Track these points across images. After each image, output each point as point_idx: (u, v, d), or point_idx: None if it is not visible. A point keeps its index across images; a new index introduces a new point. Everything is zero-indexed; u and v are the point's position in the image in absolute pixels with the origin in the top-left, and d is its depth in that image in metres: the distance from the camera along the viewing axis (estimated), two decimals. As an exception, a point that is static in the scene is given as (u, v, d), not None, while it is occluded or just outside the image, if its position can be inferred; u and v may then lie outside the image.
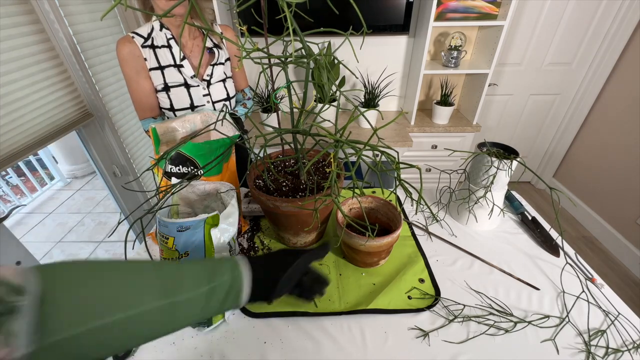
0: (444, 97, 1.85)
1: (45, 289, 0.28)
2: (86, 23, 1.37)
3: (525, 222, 0.85)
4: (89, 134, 1.50)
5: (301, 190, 0.69)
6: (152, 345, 0.57)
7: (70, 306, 0.29)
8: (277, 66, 0.55)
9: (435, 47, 1.89)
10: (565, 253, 0.75)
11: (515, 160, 0.74)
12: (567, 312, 0.61)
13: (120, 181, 1.66)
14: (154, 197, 0.65)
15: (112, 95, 1.55)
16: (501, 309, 0.62)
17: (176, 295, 0.37)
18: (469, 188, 0.81)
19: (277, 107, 0.78)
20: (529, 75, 2.05)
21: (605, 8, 1.80)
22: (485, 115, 2.22)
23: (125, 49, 0.98)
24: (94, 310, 0.31)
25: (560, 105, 2.17)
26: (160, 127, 0.80)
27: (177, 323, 0.39)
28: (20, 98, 1.11)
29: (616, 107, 1.89)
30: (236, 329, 0.60)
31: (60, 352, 0.28)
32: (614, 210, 1.91)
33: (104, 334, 0.31)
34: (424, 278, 0.69)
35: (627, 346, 0.56)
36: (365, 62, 1.90)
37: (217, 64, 1.10)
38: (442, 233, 0.83)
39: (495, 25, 1.60)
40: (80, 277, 0.32)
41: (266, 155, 0.70)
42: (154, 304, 0.35)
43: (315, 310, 0.63)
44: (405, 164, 0.51)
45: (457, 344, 0.57)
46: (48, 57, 1.22)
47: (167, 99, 1.07)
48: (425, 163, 1.97)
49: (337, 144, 0.54)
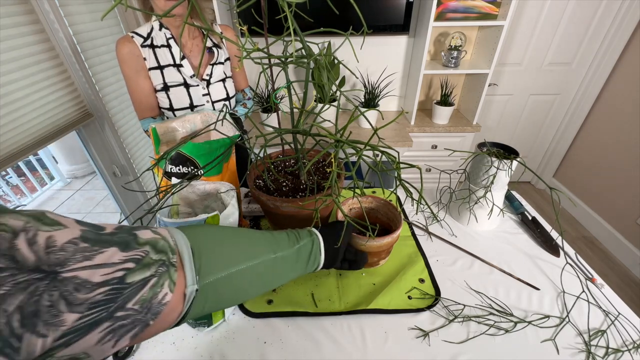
0: (444, 97, 1.85)
1: (193, 245, 0.36)
2: (86, 23, 1.37)
3: (525, 222, 0.85)
4: (89, 134, 1.50)
5: (301, 190, 0.69)
6: (152, 345, 0.57)
7: (214, 257, 0.38)
8: (277, 66, 0.55)
9: (435, 47, 1.89)
10: (565, 253, 0.75)
11: (515, 160, 0.74)
12: (567, 312, 0.61)
13: (120, 181, 1.66)
14: (154, 197, 0.65)
15: (112, 95, 1.55)
16: (501, 309, 0.62)
17: (277, 252, 0.47)
18: (469, 188, 0.81)
19: (277, 107, 0.78)
20: (529, 75, 2.05)
21: (605, 8, 1.80)
22: (485, 115, 2.22)
23: (124, 48, 0.98)
24: (228, 260, 0.40)
25: (560, 105, 2.17)
26: (160, 127, 0.80)
27: (278, 276, 0.48)
28: (20, 98, 1.11)
29: (616, 107, 1.89)
30: (236, 329, 0.60)
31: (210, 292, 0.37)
32: (614, 210, 1.91)
33: (236, 278, 0.40)
34: (424, 278, 0.69)
35: (627, 346, 0.55)
36: (365, 62, 1.90)
37: (216, 63, 1.10)
38: (442, 233, 0.83)
39: (495, 25, 1.60)
40: (216, 236, 0.42)
41: (266, 155, 0.70)
42: (265, 257, 0.45)
43: (315, 310, 0.63)
44: (405, 163, 0.51)
45: (457, 344, 0.57)
46: (48, 57, 1.21)
47: (167, 99, 1.07)
48: (425, 163, 1.97)
49: (338, 144, 0.54)
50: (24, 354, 0.21)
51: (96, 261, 0.25)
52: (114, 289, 0.26)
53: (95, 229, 0.28)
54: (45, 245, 0.23)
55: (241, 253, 0.42)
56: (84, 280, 0.24)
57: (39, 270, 0.22)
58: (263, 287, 0.47)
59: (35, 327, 0.21)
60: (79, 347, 0.24)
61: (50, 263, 0.23)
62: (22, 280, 0.21)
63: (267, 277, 0.46)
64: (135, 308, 0.27)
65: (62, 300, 0.23)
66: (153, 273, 0.29)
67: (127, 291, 0.27)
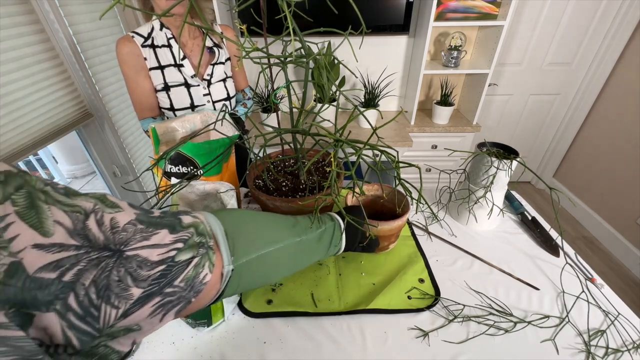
0: (444, 97, 1.85)
1: (227, 228, 0.38)
2: (86, 23, 1.37)
3: (525, 222, 0.85)
4: (89, 134, 1.50)
5: (301, 190, 0.69)
6: (152, 345, 0.57)
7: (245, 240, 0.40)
8: (277, 66, 0.55)
9: (435, 47, 1.89)
10: (565, 253, 0.75)
11: (515, 160, 0.74)
12: (567, 312, 0.61)
13: (120, 181, 1.66)
14: (153, 197, 0.65)
15: (112, 95, 1.55)
16: (501, 309, 0.62)
17: (301, 235, 0.49)
18: (469, 188, 0.81)
19: (276, 107, 0.78)
20: (529, 75, 2.05)
21: (605, 8, 1.80)
22: (485, 115, 2.22)
23: (125, 48, 0.98)
24: (259, 242, 0.42)
25: (560, 105, 2.17)
26: (160, 127, 0.80)
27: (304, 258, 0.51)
28: (20, 98, 1.11)
29: (616, 107, 1.89)
30: (236, 329, 0.60)
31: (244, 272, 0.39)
32: (614, 210, 1.91)
33: (266, 260, 0.43)
34: (424, 278, 0.69)
35: (627, 346, 0.55)
36: (365, 62, 1.90)
37: (217, 63, 1.10)
38: (442, 233, 0.83)
39: (495, 25, 1.60)
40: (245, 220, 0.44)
41: (266, 155, 0.70)
42: (292, 240, 0.47)
43: (315, 310, 0.63)
44: (405, 163, 0.51)
45: (457, 344, 0.57)
46: (48, 57, 1.22)
47: (167, 99, 1.07)
48: (425, 163, 1.97)
49: (337, 143, 0.54)
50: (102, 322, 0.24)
51: (152, 241, 0.28)
52: (168, 266, 0.28)
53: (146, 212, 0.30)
54: (110, 225, 0.25)
55: (270, 236, 0.45)
56: (144, 259, 0.27)
57: (108, 248, 0.25)
58: (290, 269, 0.51)
59: (109, 299, 0.24)
60: (134, 319, 0.26)
61: (116, 242, 0.25)
62: (95, 257, 0.24)
63: (293, 258, 0.49)
64: (181, 285, 0.29)
65: (128, 276, 0.25)
66: (195, 254, 0.31)
67: (175, 269, 0.29)
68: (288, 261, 0.48)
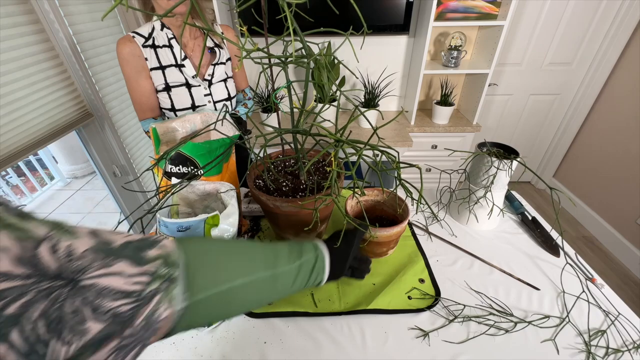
0: (444, 97, 1.85)
1: (188, 259, 0.34)
2: (86, 23, 1.37)
3: (525, 222, 0.85)
4: (89, 134, 1.50)
5: (301, 190, 0.69)
6: (152, 345, 0.57)
7: (206, 273, 0.36)
8: (277, 66, 0.55)
9: (435, 47, 1.89)
10: (565, 253, 0.75)
11: (515, 160, 0.74)
12: (567, 312, 0.61)
13: (120, 181, 1.66)
14: (154, 197, 0.65)
15: (112, 95, 1.55)
16: (501, 309, 0.62)
17: (276, 268, 0.44)
18: (469, 188, 0.81)
19: (277, 107, 0.78)
20: (529, 75, 2.05)
21: (605, 8, 1.80)
22: (485, 115, 2.22)
23: (125, 48, 0.98)
24: (222, 276, 0.38)
25: (560, 105, 2.17)
26: (161, 127, 0.80)
27: (276, 292, 0.46)
28: (20, 98, 1.11)
29: (616, 107, 1.89)
30: (236, 329, 0.60)
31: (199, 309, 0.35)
32: (614, 210, 1.91)
33: (229, 295, 0.38)
34: (424, 278, 0.69)
35: (627, 346, 0.55)
36: (365, 62, 1.90)
37: (218, 63, 1.10)
38: (442, 233, 0.83)
39: (495, 25, 1.60)
40: (210, 250, 0.39)
41: (266, 155, 0.70)
42: (263, 274, 0.43)
43: (315, 310, 0.63)
44: (405, 163, 0.51)
45: (457, 344, 0.57)
46: (48, 57, 1.21)
47: (168, 99, 1.07)
48: (425, 163, 1.97)
49: (338, 143, 0.54)
50: None
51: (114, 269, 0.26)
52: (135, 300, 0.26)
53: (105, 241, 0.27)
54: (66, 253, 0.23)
55: (237, 268, 0.41)
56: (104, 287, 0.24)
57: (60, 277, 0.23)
58: (259, 303, 0.46)
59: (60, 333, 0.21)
60: None
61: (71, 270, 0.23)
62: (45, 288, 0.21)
63: (264, 293, 0.44)
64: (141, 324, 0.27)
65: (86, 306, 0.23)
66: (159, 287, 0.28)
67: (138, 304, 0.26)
68: (259, 295, 0.43)
